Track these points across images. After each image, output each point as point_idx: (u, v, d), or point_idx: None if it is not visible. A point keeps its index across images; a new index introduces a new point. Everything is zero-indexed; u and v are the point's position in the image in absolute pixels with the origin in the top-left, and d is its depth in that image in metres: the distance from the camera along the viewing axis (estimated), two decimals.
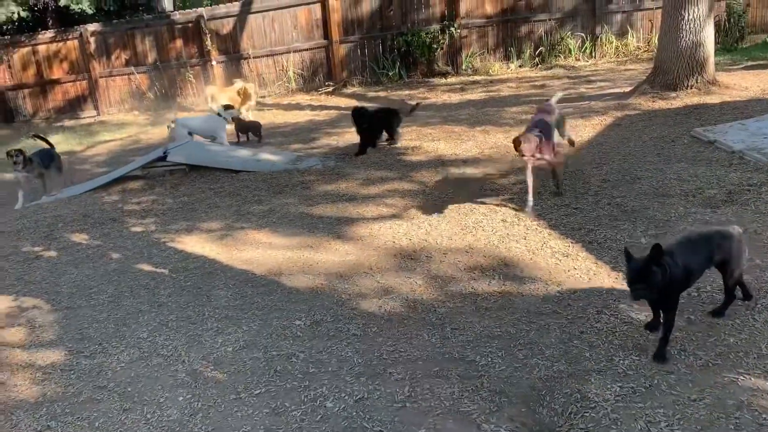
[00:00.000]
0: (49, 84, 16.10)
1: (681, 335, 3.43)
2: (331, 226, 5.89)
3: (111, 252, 6.01)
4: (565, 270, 4.45)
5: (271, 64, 15.30)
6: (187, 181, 8.10)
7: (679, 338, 3.40)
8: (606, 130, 7.92)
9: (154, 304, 4.77)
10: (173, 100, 15.60)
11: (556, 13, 14.16)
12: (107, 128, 14.00)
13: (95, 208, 7.48)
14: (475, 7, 14.40)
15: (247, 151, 9.00)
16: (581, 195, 5.83)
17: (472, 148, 7.89)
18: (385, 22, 14.75)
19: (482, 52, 14.46)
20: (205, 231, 6.24)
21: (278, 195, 7.06)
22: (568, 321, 3.77)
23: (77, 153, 11.60)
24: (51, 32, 15.84)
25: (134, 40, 15.56)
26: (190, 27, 15.32)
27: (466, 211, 5.83)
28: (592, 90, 10.62)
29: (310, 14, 14.89)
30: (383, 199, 6.48)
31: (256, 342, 4.00)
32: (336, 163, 8.07)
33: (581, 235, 4.98)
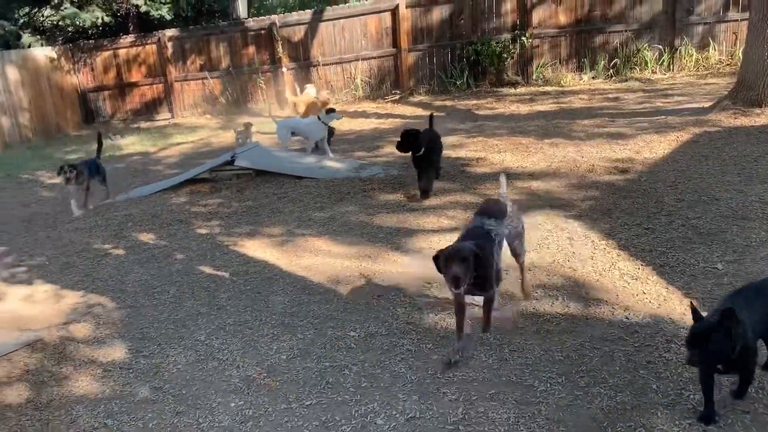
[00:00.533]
0: (127, 86, 16.80)
1: (759, 371, 3.18)
2: (390, 236, 5.83)
3: (176, 252, 6.14)
4: (633, 294, 4.23)
5: (340, 72, 15.45)
6: (252, 185, 8.22)
7: (757, 373, 3.15)
8: (682, 146, 7.55)
9: (213, 306, 4.83)
10: (244, 106, 16.00)
11: (633, 24, 13.71)
12: (180, 131, 14.45)
13: (164, 209, 7.68)
14: (548, 16, 14.12)
15: (312, 158, 9.08)
16: (654, 215, 5.56)
17: (539, 161, 7.68)
18: (455, 31, 14.66)
19: (554, 63, 14.16)
20: (266, 236, 6.29)
21: (339, 202, 7.06)
22: (634, 349, 3.56)
23: (150, 154, 12.00)
24: (131, 37, 16.54)
25: (209, 46, 16.05)
26: (262, 34, 15.68)
27: (531, 227, 5.63)
28: (669, 104, 10.19)
29: (380, 22, 14.96)
30: (444, 210, 6.37)
31: (310, 351, 3.97)
32: (399, 172, 8.01)
33: (652, 258, 4.73)
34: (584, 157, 7.58)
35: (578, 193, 6.42)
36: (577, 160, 7.53)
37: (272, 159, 8.93)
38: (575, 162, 7.44)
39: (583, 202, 6.12)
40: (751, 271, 4.29)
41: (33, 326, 4.83)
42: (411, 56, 14.94)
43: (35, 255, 6.57)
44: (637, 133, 8.37)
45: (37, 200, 9.21)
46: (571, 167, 7.28)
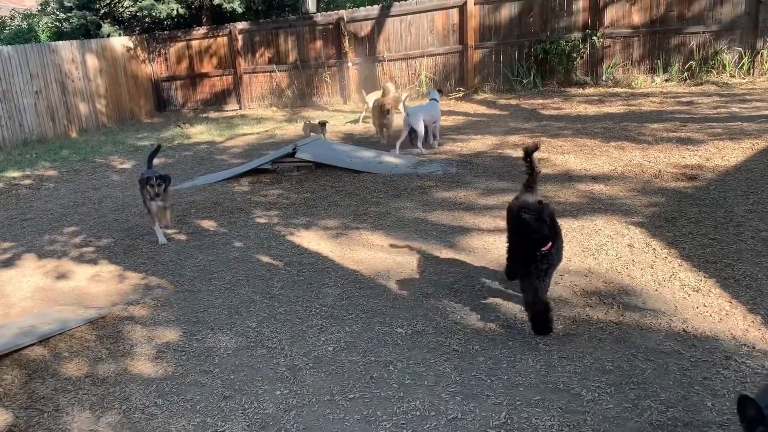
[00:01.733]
0: (198, 77, 17.31)
1: None
2: (444, 234, 5.79)
3: (234, 240, 6.28)
4: (693, 306, 4.06)
5: (404, 68, 15.45)
6: (311, 177, 8.32)
7: None
8: (758, 155, 7.19)
9: (266, 294, 4.92)
10: (309, 99, 16.20)
11: (712, 25, 13.11)
12: (246, 122, 14.76)
13: (226, 197, 7.87)
14: (622, 16, 13.68)
15: (370, 153, 9.11)
16: (721, 225, 5.31)
17: (604, 164, 7.46)
18: (524, 29, 14.40)
19: (625, 64, 13.72)
20: (322, 228, 6.36)
21: (396, 198, 7.06)
22: (690, 363, 3.42)
23: (217, 143, 12.31)
24: (204, 29, 17.01)
25: (278, 39, 16.34)
26: (330, 28, 15.83)
27: (590, 231, 5.51)
28: (746, 110, 9.71)
29: (447, 19, 14.86)
30: (501, 211, 6.24)
31: (357, 345, 3.99)
32: (457, 170, 7.95)
33: (716, 270, 4.52)
34: (651, 162, 7.32)
35: (642, 198, 6.20)
36: (643, 164, 7.28)
37: (332, 152, 9.02)
38: (641, 166, 7.20)
39: (647, 209, 5.91)
40: None
41: (96, 304, 5.05)
42: (477, 53, 14.78)
43: (103, 236, 6.85)
44: (709, 139, 8.02)
45: (108, 184, 9.59)
46: (636, 172, 7.04)
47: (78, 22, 17.32)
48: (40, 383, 3.92)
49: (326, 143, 9.68)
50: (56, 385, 3.89)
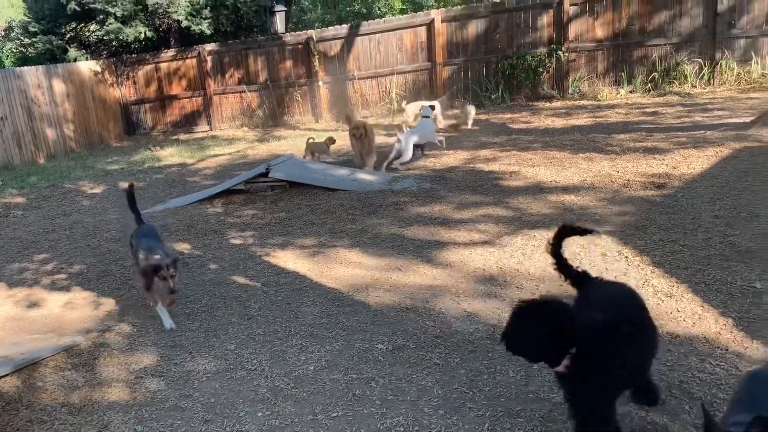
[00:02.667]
0: (168, 99, 17.23)
1: None
2: (421, 249, 5.83)
3: (209, 262, 6.23)
4: (667, 312, 4.14)
5: (375, 86, 15.58)
6: (286, 197, 8.31)
7: None
8: (722, 162, 7.39)
9: (244, 316, 4.89)
10: (280, 118, 16.22)
11: (673, 38, 13.50)
12: (218, 143, 14.71)
13: (199, 219, 7.81)
14: (585, 30, 14.01)
15: (345, 170, 9.14)
16: (690, 231, 5.44)
17: (574, 176, 7.59)
18: (490, 45, 14.66)
19: (590, 77, 14.03)
20: (299, 247, 6.35)
21: (371, 215, 7.09)
22: (667, 368, 3.49)
23: (188, 165, 12.23)
24: (172, 51, 16.97)
25: (247, 60, 16.37)
26: (299, 48, 15.92)
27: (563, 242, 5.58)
28: (709, 119, 9.98)
29: (415, 37, 15.05)
30: (476, 224, 6.34)
31: (338, 363, 3.99)
32: (431, 185, 8.02)
33: (688, 275, 4.62)
34: (619, 172, 7.47)
35: (613, 208, 6.33)
36: (612, 174, 7.42)
37: (306, 171, 9.03)
38: (610, 177, 7.34)
39: (618, 218, 6.03)
40: None
41: (70, 332, 4.95)
42: (446, 70, 14.97)
43: (75, 263, 6.74)
44: (674, 148, 8.22)
45: (78, 210, 9.45)
46: (605, 182, 7.19)
47: (43, 47, 17.13)
48: (13, 415, 3.83)
49: (300, 162, 9.68)
50: (31, 416, 3.80)
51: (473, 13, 14.76)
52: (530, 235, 5.81)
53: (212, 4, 16.63)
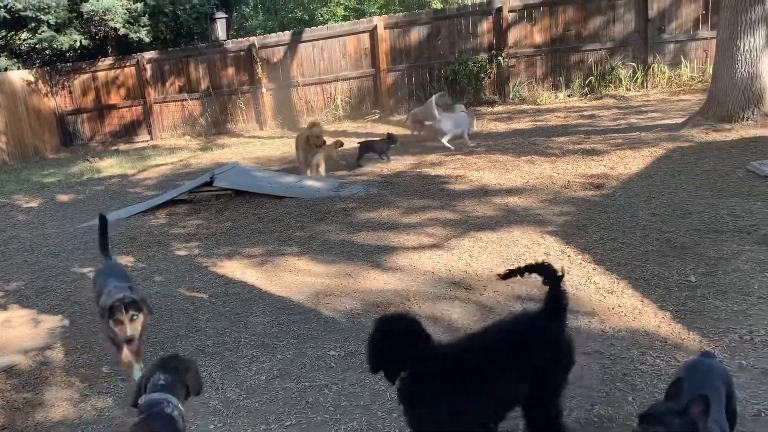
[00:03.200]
0: (106, 109, 16.77)
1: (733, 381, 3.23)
2: (370, 255, 5.86)
3: (154, 275, 6.10)
4: (609, 307, 4.29)
5: (320, 92, 15.55)
6: (231, 206, 8.21)
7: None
8: (656, 162, 7.70)
9: (192, 328, 4.80)
10: (223, 126, 16.01)
11: (607, 43, 13.98)
12: (159, 152, 14.40)
13: (142, 231, 7.64)
14: (524, 36, 14.35)
15: (291, 178, 9.10)
16: (628, 229, 5.65)
17: (516, 178, 7.77)
18: (433, 52, 14.84)
19: (530, 82, 14.37)
20: (246, 256, 6.29)
21: (320, 222, 7.08)
22: (610, 361, 3.61)
23: (129, 176, 11.93)
24: (110, 59, 16.54)
25: (188, 68, 16.09)
26: (242, 55, 15.75)
27: (508, 242, 5.72)
28: (643, 121, 10.38)
29: (358, 43, 15.10)
30: (424, 228, 6.42)
31: (290, 372, 3.97)
32: (379, 191, 8.06)
33: (627, 271, 4.80)
34: (560, 174, 7.69)
35: (554, 208, 6.51)
36: (553, 176, 7.63)
37: (252, 179, 8.94)
38: (551, 178, 7.55)
39: (559, 218, 6.20)
40: (723, 283, 4.38)
41: (9, 351, 4.77)
42: (390, 76, 15.08)
43: (11, 280, 6.49)
44: (611, 150, 8.52)
45: (13, 225, 9.10)
46: (547, 183, 7.38)
47: None
48: None
49: (245, 170, 9.58)
50: None
51: (415, 19, 14.93)
52: (477, 237, 5.92)
53: (151, 11, 16.29)
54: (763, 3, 8.38)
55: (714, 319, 3.94)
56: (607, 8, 13.89)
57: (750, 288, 4.27)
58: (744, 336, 3.69)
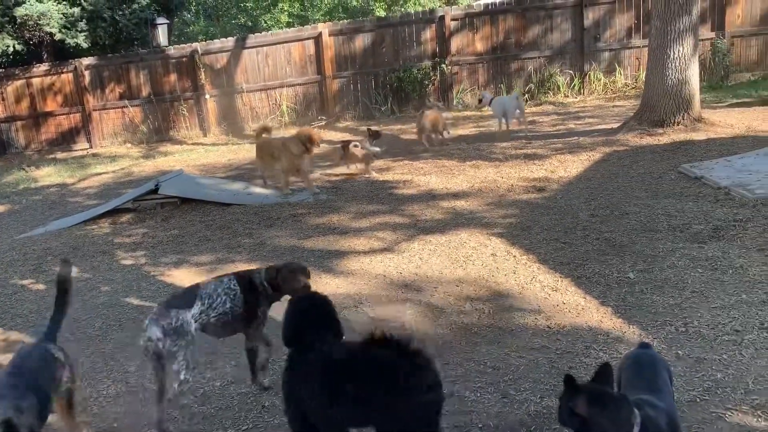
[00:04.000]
0: (42, 116, 16.20)
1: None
2: (321, 260, 5.90)
3: (100, 285, 5.98)
4: (554, 304, 4.47)
5: (265, 98, 15.47)
6: (177, 214, 8.10)
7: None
8: (594, 165, 8.02)
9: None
10: (166, 133, 15.73)
11: (546, 51, 14.45)
12: (100, 161, 14.04)
13: (85, 241, 7.46)
14: (466, 44, 14.67)
15: (238, 185, 9.05)
16: (570, 230, 5.88)
17: (462, 182, 7.95)
18: (378, 59, 15.00)
19: (473, 88, 14.69)
20: (195, 264, 6.23)
21: (269, 228, 7.08)
22: (557, 356, 3.77)
23: (69, 185, 11.60)
24: (46, 65, 16.00)
25: (129, 74, 15.74)
26: (184, 61, 15.52)
27: (456, 245, 5.86)
28: (581, 126, 10.78)
29: (303, 50, 15.12)
30: (374, 232, 6.50)
31: (244, 377, 3.97)
32: (328, 197, 8.11)
33: (570, 270, 5.01)
34: (504, 178, 7.92)
35: (499, 211, 6.70)
36: (497, 180, 7.85)
37: (198, 186, 8.85)
38: (496, 182, 7.77)
39: (504, 220, 6.40)
40: (659, 279, 4.63)
41: None
42: (336, 83, 15.15)
43: None
44: (552, 154, 8.82)
45: None
46: (492, 187, 7.59)
47: None
48: None
49: (191, 177, 9.47)
50: None
51: (359, 27, 15.07)
52: (426, 240, 6.05)
53: (89, 16, 15.86)
54: (690, 14, 8.85)
55: (652, 313, 4.16)
56: (545, 17, 14.37)
57: (684, 283, 4.52)
58: (680, 328, 3.91)
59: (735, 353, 3.56)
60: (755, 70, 13.92)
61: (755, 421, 2.99)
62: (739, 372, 3.38)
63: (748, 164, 6.98)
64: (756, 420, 2.99)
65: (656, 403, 2.36)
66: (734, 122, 9.29)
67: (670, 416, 2.38)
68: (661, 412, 2.33)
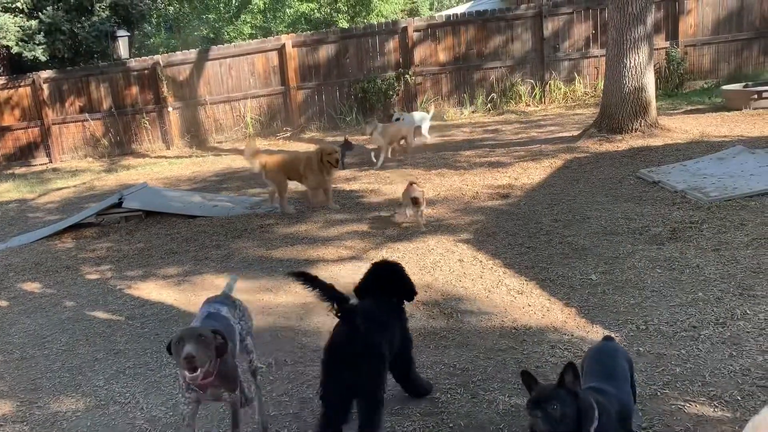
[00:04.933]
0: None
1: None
2: (290, 269, 5.90)
3: (65, 300, 5.89)
4: (520, 307, 4.58)
5: (229, 110, 15.41)
6: (142, 227, 8.03)
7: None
8: (556, 172, 8.21)
9: (110, 351, 4.69)
10: (128, 146, 15.54)
11: (507, 61, 14.72)
12: (60, 175, 13.79)
13: (48, 256, 7.33)
14: (429, 55, 14.86)
15: (204, 196, 8.99)
16: (534, 235, 6.02)
17: (428, 191, 8.03)
18: (342, 70, 15.09)
19: (436, 98, 14.87)
20: (161, 277, 6.18)
21: (237, 239, 7.06)
22: (524, 356, 3.87)
23: (28, 201, 11.37)
24: (2, 79, 15.68)
25: (89, 87, 15.52)
26: (146, 74, 15.37)
27: (424, 251, 5.95)
28: (543, 134, 11.01)
29: (267, 61, 15.12)
30: (343, 241, 6.55)
31: None
32: (295, 207, 8.12)
33: (535, 273, 5.13)
34: (468, 185, 8.05)
35: (465, 218, 6.82)
36: (462, 188, 7.98)
37: (163, 199, 8.77)
38: (461, 190, 7.89)
39: (470, 226, 6.51)
40: (620, 280, 4.78)
41: None
42: (300, 94, 15.18)
43: None
44: (515, 161, 9.00)
45: None
46: (457, 195, 7.71)
47: None
48: None
49: (156, 190, 9.38)
50: None
51: (323, 38, 15.14)
52: (394, 248, 6.12)
53: (47, 29, 15.62)
54: (645, 23, 9.15)
55: (614, 313, 4.30)
56: (505, 28, 14.66)
57: (644, 283, 4.68)
58: (640, 326, 4.05)
59: (692, 348, 3.71)
60: (708, 77, 14.41)
61: (712, 411, 3.12)
62: (696, 366, 3.52)
63: (702, 168, 7.24)
64: (713, 410, 3.13)
65: (607, 389, 2.52)
66: (689, 128, 9.62)
67: (621, 403, 2.53)
68: (612, 398, 2.48)
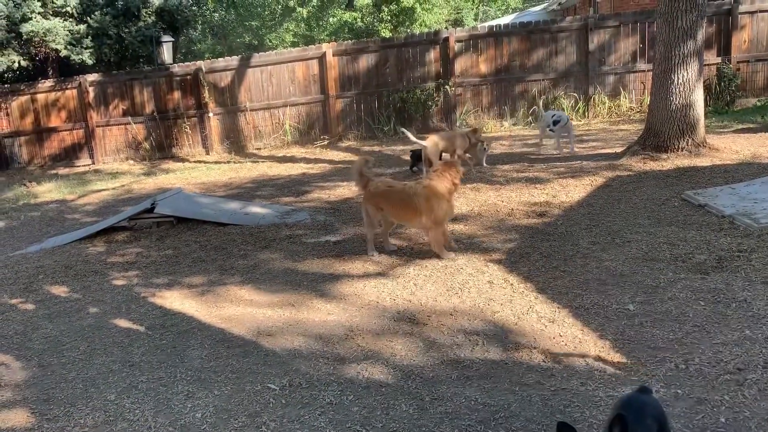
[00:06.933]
0: (45, 132, 16.24)
1: (669, 410, 3.27)
2: (315, 283, 5.77)
3: (89, 306, 5.86)
4: (550, 336, 4.31)
5: (268, 117, 15.46)
6: (173, 233, 8.00)
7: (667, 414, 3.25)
8: (596, 190, 7.88)
9: (126, 363, 4.61)
10: (168, 151, 15.72)
11: (550, 74, 14.39)
12: (101, 177, 14.01)
13: (79, 260, 7.36)
14: (470, 66, 14.64)
15: (236, 204, 8.95)
16: (570, 257, 5.73)
17: (462, 205, 7.82)
18: (381, 79, 14.98)
19: (476, 110, 14.63)
20: (186, 286, 6.11)
21: (264, 249, 6.96)
22: (551, 393, 3.61)
23: (68, 202, 11.54)
24: (50, 81, 16.07)
25: (132, 91, 15.77)
26: (188, 79, 15.55)
27: (453, 270, 5.72)
28: (584, 150, 10.66)
29: (307, 69, 15.12)
30: (370, 256, 6.37)
31: (227, 408, 3.83)
32: (325, 218, 8.00)
33: (568, 300, 4.85)
34: (504, 201, 7.79)
35: (498, 236, 6.56)
36: (497, 204, 7.73)
37: (195, 206, 8.75)
38: (496, 206, 7.64)
39: (503, 245, 6.25)
40: (660, 311, 4.47)
41: None
42: (339, 103, 15.12)
43: None
44: (554, 178, 8.69)
45: None
46: (491, 211, 7.46)
47: None
48: None
49: (188, 196, 9.37)
50: None
51: (363, 47, 15.06)
52: (422, 266, 5.91)
53: (94, 33, 15.95)
54: (695, 38, 8.76)
55: (652, 348, 4.00)
56: (549, 40, 14.33)
57: (685, 316, 4.37)
58: (680, 365, 3.76)
59: (737, 394, 3.40)
60: (761, 95, 13.82)
61: None
62: (741, 414, 3.22)
63: (753, 192, 6.83)
64: None
65: None
66: (739, 148, 9.15)
67: None
68: None
